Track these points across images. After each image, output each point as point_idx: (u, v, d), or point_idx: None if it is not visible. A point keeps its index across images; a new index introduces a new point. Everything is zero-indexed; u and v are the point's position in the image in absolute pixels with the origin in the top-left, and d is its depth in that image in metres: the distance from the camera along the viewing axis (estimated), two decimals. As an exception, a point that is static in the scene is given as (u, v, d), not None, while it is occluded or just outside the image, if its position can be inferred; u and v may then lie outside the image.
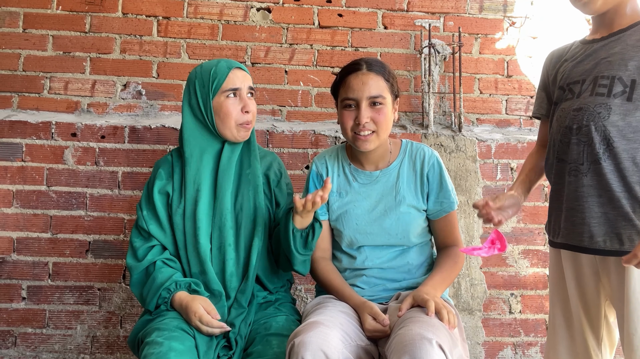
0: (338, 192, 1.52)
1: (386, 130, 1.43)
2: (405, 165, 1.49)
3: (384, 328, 1.28)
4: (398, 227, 1.45)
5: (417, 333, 1.13)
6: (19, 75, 2.09)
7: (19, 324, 1.99)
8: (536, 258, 2.13)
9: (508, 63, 2.23)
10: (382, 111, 1.41)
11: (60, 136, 2.05)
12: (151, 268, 1.42)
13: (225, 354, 1.33)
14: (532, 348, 2.11)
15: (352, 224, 1.48)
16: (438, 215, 1.49)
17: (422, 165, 1.48)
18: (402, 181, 1.47)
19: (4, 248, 2.01)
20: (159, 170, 1.53)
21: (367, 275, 1.47)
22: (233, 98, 1.46)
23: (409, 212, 1.46)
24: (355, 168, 1.53)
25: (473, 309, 2.09)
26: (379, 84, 1.41)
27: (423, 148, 1.51)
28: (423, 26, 2.20)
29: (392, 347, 1.15)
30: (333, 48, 2.18)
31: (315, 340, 1.13)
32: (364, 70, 1.42)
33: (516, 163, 2.15)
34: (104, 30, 2.12)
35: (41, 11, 2.11)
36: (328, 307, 1.35)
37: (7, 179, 2.02)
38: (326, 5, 2.18)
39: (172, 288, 1.38)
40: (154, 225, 1.47)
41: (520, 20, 2.24)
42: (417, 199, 1.47)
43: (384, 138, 1.45)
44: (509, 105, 2.22)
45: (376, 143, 1.43)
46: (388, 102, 1.42)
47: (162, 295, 1.37)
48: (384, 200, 1.47)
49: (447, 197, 1.47)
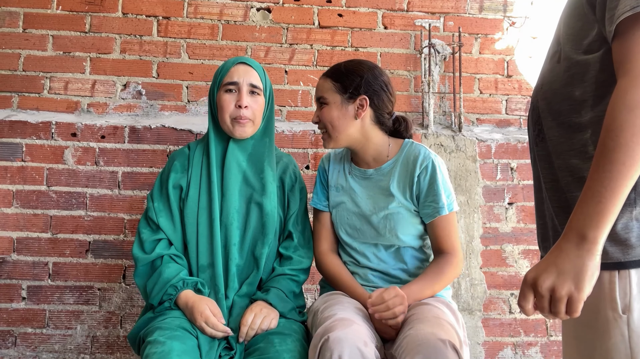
0: (335, 187, 1.56)
1: (337, 129, 1.47)
2: (399, 164, 1.49)
3: (392, 330, 1.28)
4: (386, 225, 1.45)
5: (429, 333, 1.13)
6: (19, 75, 2.09)
7: (19, 324, 1.99)
8: (536, 258, 2.13)
9: (508, 64, 2.23)
10: (325, 110, 1.48)
11: (60, 136, 2.05)
12: (158, 262, 1.41)
13: (227, 354, 1.32)
14: (532, 348, 2.11)
15: (344, 219, 1.52)
16: (429, 218, 1.45)
17: (414, 167, 1.45)
18: (393, 180, 1.47)
19: (4, 248, 2.01)
20: (174, 162, 1.52)
21: (362, 273, 1.48)
22: (230, 93, 1.47)
23: (398, 211, 1.45)
24: (353, 166, 1.56)
25: (473, 309, 2.09)
26: (323, 86, 1.49)
27: (420, 149, 1.48)
28: (423, 26, 2.20)
29: (403, 347, 1.14)
30: (333, 48, 2.18)
31: (351, 337, 1.12)
32: (320, 77, 1.53)
33: (516, 163, 2.15)
34: (104, 30, 2.12)
35: (41, 11, 2.11)
36: (344, 304, 1.33)
37: (7, 179, 2.02)
38: (326, 5, 2.18)
39: (179, 286, 1.37)
40: (164, 218, 1.46)
41: (520, 20, 2.24)
42: (405, 199, 1.46)
43: (339, 137, 1.47)
44: (509, 105, 2.22)
45: (329, 142, 1.49)
46: (332, 102, 1.47)
47: (168, 291, 1.36)
48: (375, 198, 1.48)
49: (436, 201, 1.42)
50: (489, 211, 2.13)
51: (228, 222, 1.44)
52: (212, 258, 1.42)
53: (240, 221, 1.46)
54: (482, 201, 2.13)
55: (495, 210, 2.14)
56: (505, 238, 2.14)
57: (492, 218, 2.13)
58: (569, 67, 0.94)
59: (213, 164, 1.48)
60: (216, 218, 1.43)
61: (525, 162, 2.15)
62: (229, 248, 1.43)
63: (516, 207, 2.15)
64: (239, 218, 1.46)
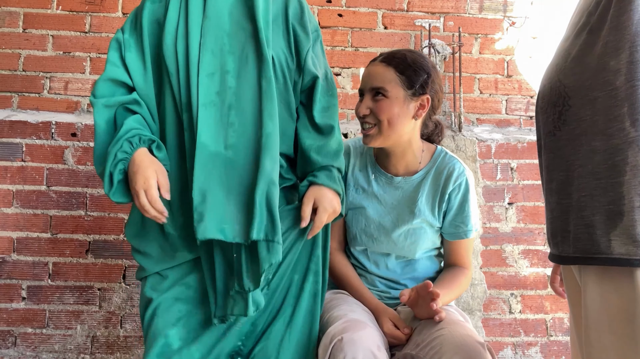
0: (355, 187, 1.42)
1: (392, 127, 1.30)
2: (430, 177, 1.36)
3: (402, 336, 1.25)
4: (406, 240, 1.37)
5: (465, 335, 1.11)
6: (19, 75, 2.09)
7: (19, 324, 1.99)
8: (536, 258, 2.13)
9: (508, 64, 2.23)
10: (384, 104, 1.29)
11: (60, 136, 2.05)
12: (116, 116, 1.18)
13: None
14: (532, 348, 2.11)
15: (361, 224, 1.40)
16: (452, 237, 1.38)
17: (447, 182, 1.34)
18: (422, 194, 1.36)
19: (4, 248, 2.01)
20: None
21: (369, 278, 1.42)
22: None
23: (421, 227, 1.36)
24: (378, 168, 1.41)
25: (473, 309, 2.09)
26: (385, 75, 1.29)
27: (455, 163, 1.36)
28: (423, 26, 2.20)
29: (436, 347, 1.11)
30: (333, 48, 2.18)
31: (365, 340, 1.10)
32: (376, 62, 1.34)
33: (516, 163, 2.15)
34: (104, 30, 2.12)
35: (41, 11, 2.11)
36: (352, 304, 1.29)
37: (7, 179, 2.02)
38: (326, 5, 2.18)
39: (134, 142, 1.14)
40: (132, 53, 1.21)
41: (520, 20, 2.24)
42: (432, 216, 1.36)
43: (390, 137, 1.31)
44: (509, 105, 2.22)
45: (376, 139, 1.32)
46: (394, 96, 1.29)
47: (123, 148, 1.13)
48: (399, 209, 1.37)
49: (465, 223, 1.35)
50: (489, 211, 2.14)
51: (216, 47, 1.18)
52: (189, 97, 1.16)
53: (232, 47, 1.20)
54: (482, 201, 2.13)
55: (495, 210, 2.14)
56: (505, 238, 2.14)
57: (492, 218, 2.13)
58: (605, 35, 0.84)
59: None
60: (193, 44, 1.17)
61: (525, 162, 2.15)
62: (219, 76, 1.18)
63: (516, 207, 2.15)
64: (229, 43, 1.20)
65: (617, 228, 0.80)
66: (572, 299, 1.01)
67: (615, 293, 0.81)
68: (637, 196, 0.78)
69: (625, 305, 0.79)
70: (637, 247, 0.78)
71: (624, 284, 0.79)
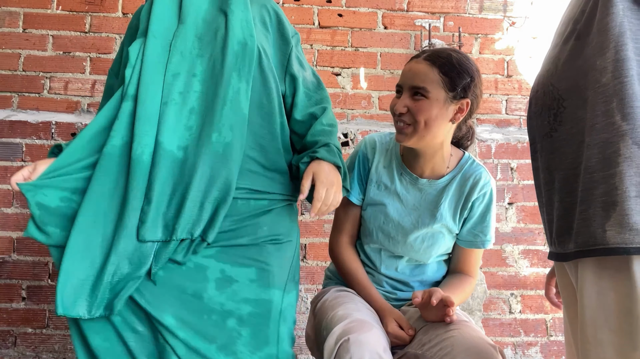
0: (377, 184, 1.38)
1: (429, 129, 1.25)
2: (455, 182, 1.34)
3: (406, 337, 1.24)
4: (423, 243, 1.35)
5: (477, 337, 1.12)
6: (19, 75, 2.09)
7: (19, 324, 1.99)
8: (536, 258, 2.13)
9: (508, 63, 2.23)
10: (423, 104, 1.24)
11: (60, 136, 2.05)
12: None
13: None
14: (532, 348, 2.11)
15: (379, 222, 1.37)
16: (468, 245, 1.37)
17: (472, 190, 1.32)
18: (446, 199, 1.33)
19: (4, 248, 2.01)
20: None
21: (377, 278, 1.40)
22: None
23: (440, 231, 1.34)
24: (403, 166, 1.37)
25: (473, 309, 2.09)
26: (427, 75, 1.24)
27: (482, 172, 1.34)
28: (423, 26, 2.20)
29: (448, 348, 1.11)
30: (333, 48, 2.18)
31: (372, 342, 1.09)
32: (419, 59, 1.29)
33: (516, 163, 2.15)
34: (104, 30, 2.12)
35: (41, 11, 2.11)
36: (358, 304, 1.27)
37: (7, 179, 2.02)
38: (326, 5, 2.18)
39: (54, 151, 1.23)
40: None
41: (520, 20, 2.24)
42: (453, 222, 1.34)
43: (425, 138, 1.27)
44: (509, 105, 2.22)
45: (410, 138, 1.26)
46: (435, 98, 1.24)
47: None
48: (420, 211, 1.34)
49: (484, 233, 1.34)
50: (489, 211, 2.14)
51: (183, 49, 1.19)
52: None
53: (200, 50, 1.20)
54: (482, 201, 2.13)
55: (495, 210, 2.14)
56: (505, 238, 2.14)
57: (492, 218, 2.14)
58: (592, 39, 0.88)
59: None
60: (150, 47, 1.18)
61: (525, 162, 2.15)
62: (183, 80, 1.17)
63: (516, 207, 2.15)
64: (199, 46, 1.21)
65: (611, 218, 0.81)
66: (567, 301, 1.02)
67: (612, 288, 0.82)
68: (632, 187, 0.80)
69: (622, 300, 0.80)
70: (632, 235, 0.79)
71: (621, 278, 0.80)
